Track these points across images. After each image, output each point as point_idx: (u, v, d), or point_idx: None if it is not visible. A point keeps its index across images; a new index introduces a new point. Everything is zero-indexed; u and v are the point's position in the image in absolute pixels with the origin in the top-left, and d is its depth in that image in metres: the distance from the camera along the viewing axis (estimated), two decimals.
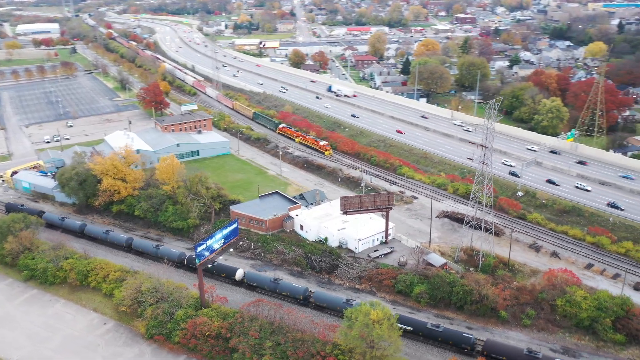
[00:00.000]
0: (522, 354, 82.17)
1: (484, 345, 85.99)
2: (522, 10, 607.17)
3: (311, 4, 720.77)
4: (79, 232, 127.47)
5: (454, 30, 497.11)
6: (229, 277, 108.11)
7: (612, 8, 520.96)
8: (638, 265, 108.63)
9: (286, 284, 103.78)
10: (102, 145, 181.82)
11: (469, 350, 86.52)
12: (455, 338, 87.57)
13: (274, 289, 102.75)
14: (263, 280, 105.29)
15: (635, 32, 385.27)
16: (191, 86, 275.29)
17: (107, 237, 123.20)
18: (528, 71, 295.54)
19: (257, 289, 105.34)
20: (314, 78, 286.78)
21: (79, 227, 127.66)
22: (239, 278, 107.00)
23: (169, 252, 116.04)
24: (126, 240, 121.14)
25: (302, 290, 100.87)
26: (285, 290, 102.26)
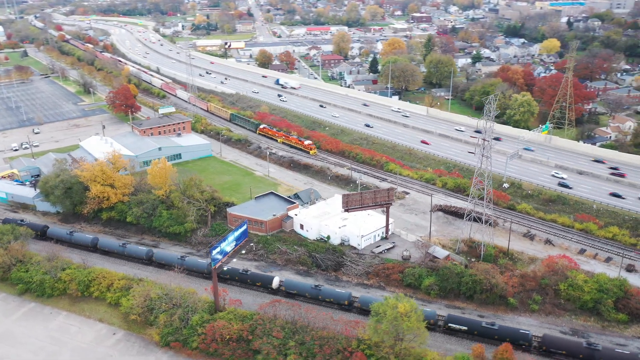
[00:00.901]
0: (582, 347, 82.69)
1: (542, 340, 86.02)
2: (474, 9, 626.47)
3: (267, 4, 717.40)
4: (91, 247, 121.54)
5: (412, 29, 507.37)
6: (265, 286, 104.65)
7: (559, 7, 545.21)
8: (627, 248, 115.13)
9: (328, 289, 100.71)
10: (78, 151, 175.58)
11: (527, 347, 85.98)
12: (512, 335, 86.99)
13: (316, 295, 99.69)
14: (303, 287, 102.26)
15: (583, 29, 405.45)
16: (159, 89, 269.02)
17: (124, 251, 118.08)
18: (490, 68, 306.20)
19: (295, 297, 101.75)
20: (265, 74, 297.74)
21: (90, 241, 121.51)
22: (276, 286, 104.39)
23: (196, 262, 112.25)
24: (146, 253, 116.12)
25: (346, 296, 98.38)
26: (328, 297, 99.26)
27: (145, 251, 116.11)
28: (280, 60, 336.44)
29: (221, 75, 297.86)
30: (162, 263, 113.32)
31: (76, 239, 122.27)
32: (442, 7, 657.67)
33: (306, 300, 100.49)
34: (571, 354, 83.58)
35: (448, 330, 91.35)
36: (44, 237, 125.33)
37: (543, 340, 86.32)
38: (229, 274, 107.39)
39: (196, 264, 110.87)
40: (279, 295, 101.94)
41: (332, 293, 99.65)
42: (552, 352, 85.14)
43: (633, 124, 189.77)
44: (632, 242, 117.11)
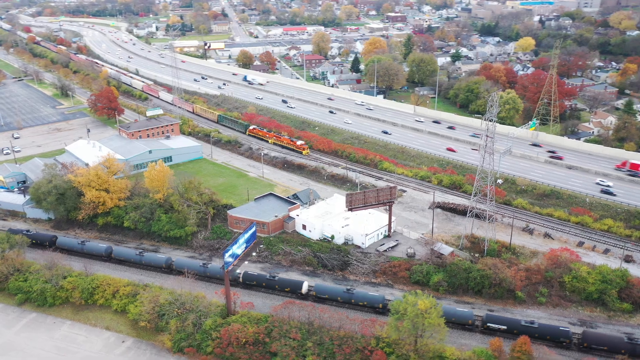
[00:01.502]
0: (623, 342, 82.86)
1: (583, 336, 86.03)
2: (447, 9, 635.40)
3: (241, 4, 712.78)
4: (105, 257, 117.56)
5: (388, 28, 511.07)
6: (294, 292, 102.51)
7: (529, 6, 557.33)
8: (622, 240, 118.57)
9: (362, 293, 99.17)
10: (64, 156, 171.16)
11: (567, 344, 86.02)
12: (552, 333, 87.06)
13: (348, 299, 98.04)
14: (335, 291, 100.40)
15: (555, 28, 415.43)
16: (141, 91, 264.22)
17: (141, 260, 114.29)
18: (470, 66, 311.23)
19: (326, 301, 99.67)
20: (235, 71, 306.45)
21: (104, 250, 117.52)
22: (305, 291, 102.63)
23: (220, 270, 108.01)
24: (165, 261, 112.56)
25: (380, 299, 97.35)
26: (361, 300, 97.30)
27: (165, 259, 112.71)
28: (261, 60, 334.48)
29: (198, 76, 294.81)
30: (181, 271, 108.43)
31: (89, 248, 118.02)
32: (415, 6, 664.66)
33: (338, 304, 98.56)
34: (613, 350, 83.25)
35: (487, 330, 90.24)
36: (53, 247, 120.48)
37: (584, 337, 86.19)
38: (255, 280, 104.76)
39: (220, 271, 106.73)
40: (309, 300, 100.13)
41: (366, 296, 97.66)
42: (592, 349, 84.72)
43: (614, 119, 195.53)
44: (627, 234, 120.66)
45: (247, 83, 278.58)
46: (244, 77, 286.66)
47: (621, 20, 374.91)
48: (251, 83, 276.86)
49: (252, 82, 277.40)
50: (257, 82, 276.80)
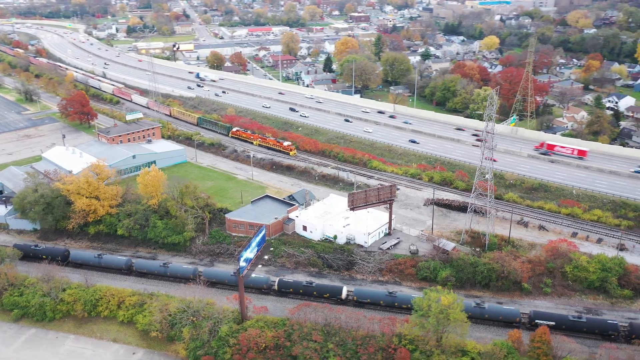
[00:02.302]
0: None
1: (631, 329, 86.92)
2: (408, 9, 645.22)
3: (202, 5, 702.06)
4: (125, 270, 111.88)
5: (352, 28, 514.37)
6: (334, 297, 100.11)
7: (488, 5, 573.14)
8: (612, 229, 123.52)
9: (404, 296, 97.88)
10: (41, 163, 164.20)
11: (616, 336, 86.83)
12: (600, 327, 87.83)
13: (392, 303, 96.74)
14: (376, 295, 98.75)
15: (516, 27, 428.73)
16: (111, 94, 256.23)
17: (166, 271, 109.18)
18: (440, 65, 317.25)
19: (366, 305, 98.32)
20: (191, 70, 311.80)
21: (124, 263, 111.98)
22: (345, 296, 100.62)
23: (256, 278, 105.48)
24: (193, 272, 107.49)
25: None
26: (405, 303, 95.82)
27: (192, 270, 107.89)
28: (232, 61, 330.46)
29: (178, 80, 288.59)
30: (213, 282, 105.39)
31: (107, 262, 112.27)
32: (377, 6, 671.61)
33: (381, 308, 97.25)
34: None
35: (534, 327, 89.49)
36: (65, 263, 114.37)
37: (632, 329, 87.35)
38: (291, 287, 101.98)
39: (256, 279, 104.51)
40: (349, 306, 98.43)
41: (410, 299, 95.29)
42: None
43: (585, 114, 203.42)
44: (616, 223, 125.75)
45: (199, 80, 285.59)
46: (197, 74, 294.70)
47: (578, 19, 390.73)
48: (203, 80, 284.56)
49: (205, 78, 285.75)
50: (209, 78, 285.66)
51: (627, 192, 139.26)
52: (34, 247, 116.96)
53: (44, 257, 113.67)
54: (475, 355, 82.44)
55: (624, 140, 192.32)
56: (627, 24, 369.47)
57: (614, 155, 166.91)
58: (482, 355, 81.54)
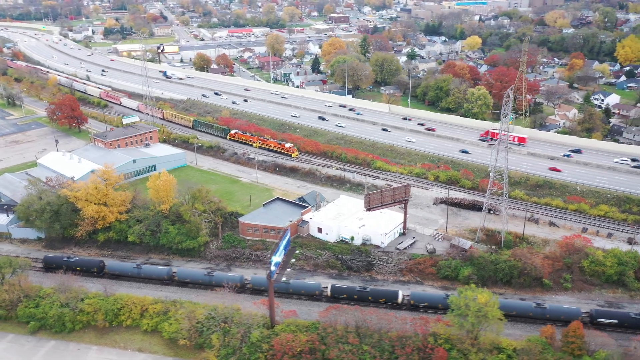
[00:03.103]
0: None
1: None
2: (386, 9, 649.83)
3: (178, 6, 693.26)
4: (166, 280, 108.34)
5: (333, 29, 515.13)
6: (390, 302, 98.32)
7: (465, 6, 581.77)
8: (620, 223, 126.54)
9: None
10: (37, 170, 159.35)
11: None
12: None
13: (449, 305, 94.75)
14: (435, 298, 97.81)
15: (495, 27, 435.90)
16: (99, 97, 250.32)
17: (211, 280, 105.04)
18: (426, 65, 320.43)
19: (421, 309, 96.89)
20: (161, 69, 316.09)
21: (166, 273, 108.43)
22: (401, 300, 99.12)
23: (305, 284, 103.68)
24: (240, 280, 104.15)
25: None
26: None
27: (239, 278, 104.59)
28: (217, 63, 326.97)
29: (166, 83, 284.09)
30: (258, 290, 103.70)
31: (147, 272, 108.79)
32: (355, 7, 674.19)
33: (438, 311, 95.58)
34: None
35: (597, 325, 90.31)
36: (100, 274, 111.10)
37: None
38: (345, 292, 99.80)
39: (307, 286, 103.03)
40: (404, 310, 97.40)
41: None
42: None
43: (577, 111, 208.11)
44: (623, 218, 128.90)
45: (166, 77, 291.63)
46: (164, 72, 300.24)
47: (556, 19, 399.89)
48: (170, 77, 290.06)
49: (172, 77, 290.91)
50: (176, 76, 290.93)
51: (628, 187, 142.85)
52: (66, 259, 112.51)
53: (77, 269, 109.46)
54: (511, 352, 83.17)
55: (614, 136, 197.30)
56: (604, 24, 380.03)
57: (609, 151, 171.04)
58: (518, 352, 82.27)
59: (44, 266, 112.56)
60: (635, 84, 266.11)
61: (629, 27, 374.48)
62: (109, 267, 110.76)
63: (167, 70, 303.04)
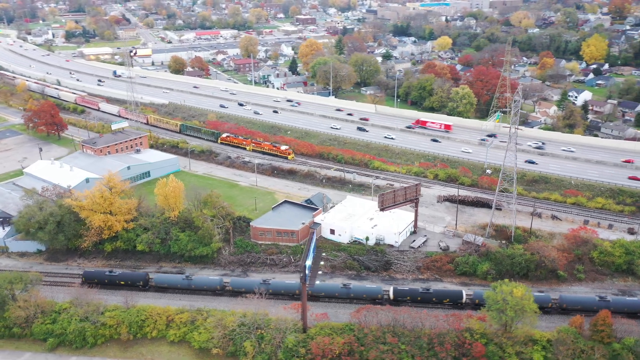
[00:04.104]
0: None
1: None
2: (351, 11, 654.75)
3: (139, 9, 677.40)
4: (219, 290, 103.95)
5: (302, 31, 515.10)
6: (454, 302, 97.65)
7: (429, 7, 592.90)
8: (618, 214, 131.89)
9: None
10: (25, 179, 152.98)
11: None
12: None
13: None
14: None
15: (462, 27, 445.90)
16: (74, 103, 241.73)
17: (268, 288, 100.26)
18: (402, 65, 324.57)
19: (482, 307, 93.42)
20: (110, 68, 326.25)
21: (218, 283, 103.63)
22: (465, 300, 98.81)
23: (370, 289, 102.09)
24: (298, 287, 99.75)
25: (549, 299, 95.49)
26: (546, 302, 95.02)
27: (297, 285, 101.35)
28: (192, 66, 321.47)
29: (140, 86, 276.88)
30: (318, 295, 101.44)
31: (198, 283, 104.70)
32: (320, 9, 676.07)
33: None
34: None
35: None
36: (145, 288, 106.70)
37: None
38: (408, 294, 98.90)
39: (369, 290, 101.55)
40: (467, 309, 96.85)
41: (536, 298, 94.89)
42: None
43: (556, 108, 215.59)
44: (619, 209, 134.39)
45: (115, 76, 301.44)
46: (114, 72, 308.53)
47: (521, 20, 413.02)
48: (119, 76, 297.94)
49: (122, 75, 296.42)
50: (125, 75, 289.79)
51: (618, 180, 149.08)
52: (108, 272, 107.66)
53: (121, 282, 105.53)
54: (545, 343, 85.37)
55: (592, 132, 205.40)
56: (566, 24, 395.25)
57: (593, 146, 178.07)
58: (552, 343, 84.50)
59: (83, 281, 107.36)
60: (603, 81, 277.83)
61: (590, 27, 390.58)
62: (156, 280, 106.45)
63: (116, 70, 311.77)
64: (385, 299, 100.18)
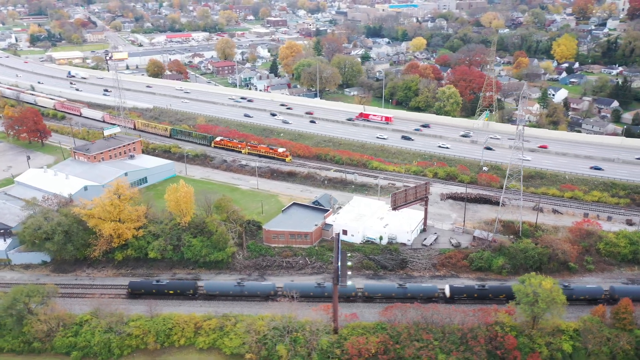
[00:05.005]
0: None
1: None
2: (321, 12, 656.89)
3: (103, 11, 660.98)
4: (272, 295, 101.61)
5: (274, 33, 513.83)
6: (511, 297, 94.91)
7: (397, 9, 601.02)
8: (615, 207, 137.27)
9: (581, 287, 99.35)
10: (17, 188, 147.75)
11: None
12: None
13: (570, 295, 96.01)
14: None
15: (433, 28, 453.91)
16: (54, 109, 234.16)
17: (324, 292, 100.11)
18: (381, 66, 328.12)
19: None
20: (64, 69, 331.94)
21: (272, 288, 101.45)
22: None
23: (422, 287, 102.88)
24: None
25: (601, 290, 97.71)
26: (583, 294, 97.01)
27: (352, 288, 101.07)
28: (170, 69, 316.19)
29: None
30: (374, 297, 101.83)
31: (251, 289, 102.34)
32: (290, 10, 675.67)
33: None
34: None
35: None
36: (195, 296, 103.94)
37: None
38: (465, 292, 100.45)
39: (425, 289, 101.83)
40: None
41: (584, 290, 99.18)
42: None
43: (539, 106, 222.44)
44: (615, 202, 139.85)
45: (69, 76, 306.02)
46: (68, 72, 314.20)
47: (491, 21, 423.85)
48: (74, 77, 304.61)
49: (75, 76, 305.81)
50: (79, 76, 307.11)
51: (608, 174, 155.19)
52: (156, 282, 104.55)
53: (170, 292, 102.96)
54: (572, 332, 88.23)
55: (574, 128, 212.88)
56: (535, 24, 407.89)
57: (578, 142, 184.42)
58: (580, 332, 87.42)
59: (129, 292, 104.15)
60: (576, 79, 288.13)
61: (557, 27, 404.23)
62: (206, 287, 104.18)
63: (70, 71, 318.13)
64: (441, 297, 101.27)
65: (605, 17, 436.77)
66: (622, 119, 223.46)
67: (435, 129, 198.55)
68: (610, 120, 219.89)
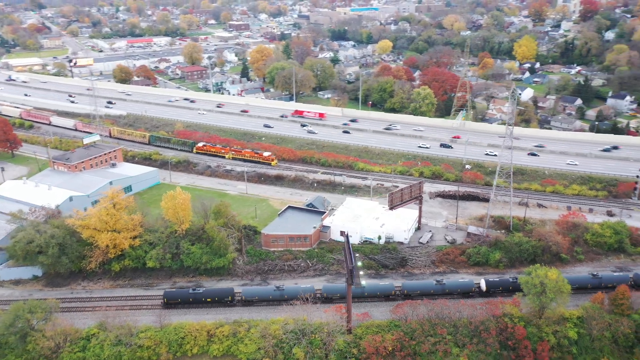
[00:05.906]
0: None
1: None
2: (282, 16, 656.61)
3: (57, 16, 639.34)
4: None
5: (238, 37, 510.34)
6: None
7: (359, 12, 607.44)
8: (594, 199, 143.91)
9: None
10: None
11: None
12: None
13: None
14: (582, 280, 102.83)
15: (397, 31, 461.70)
16: (20, 118, 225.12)
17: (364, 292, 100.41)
18: (351, 68, 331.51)
19: None
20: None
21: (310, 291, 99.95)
22: None
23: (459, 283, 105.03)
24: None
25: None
26: None
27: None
28: (138, 75, 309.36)
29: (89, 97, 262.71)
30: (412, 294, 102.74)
31: (291, 293, 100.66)
32: (251, 14, 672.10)
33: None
34: None
35: None
36: (232, 303, 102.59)
37: None
38: (500, 285, 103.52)
39: (461, 284, 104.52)
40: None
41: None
42: None
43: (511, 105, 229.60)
44: (594, 194, 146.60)
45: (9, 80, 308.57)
46: (9, 76, 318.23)
47: (453, 23, 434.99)
48: (14, 80, 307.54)
49: (16, 80, 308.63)
50: (20, 79, 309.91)
51: (584, 168, 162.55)
52: (192, 291, 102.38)
53: (208, 300, 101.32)
54: (576, 320, 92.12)
55: (544, 126, 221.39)
56: (494, 26, 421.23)
57: (551, 138, 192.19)
58: (584, 319, 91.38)
59: (165, 302, 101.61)
60: (539, 78, 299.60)
61: (515, 29, 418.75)
62: (245, 294, 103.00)
63: (11, 74, 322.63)
64: (477, 292, 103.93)
65: (559, 19, 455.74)
66: (587, 115, 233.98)
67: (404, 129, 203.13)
68: (577, 117, 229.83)
